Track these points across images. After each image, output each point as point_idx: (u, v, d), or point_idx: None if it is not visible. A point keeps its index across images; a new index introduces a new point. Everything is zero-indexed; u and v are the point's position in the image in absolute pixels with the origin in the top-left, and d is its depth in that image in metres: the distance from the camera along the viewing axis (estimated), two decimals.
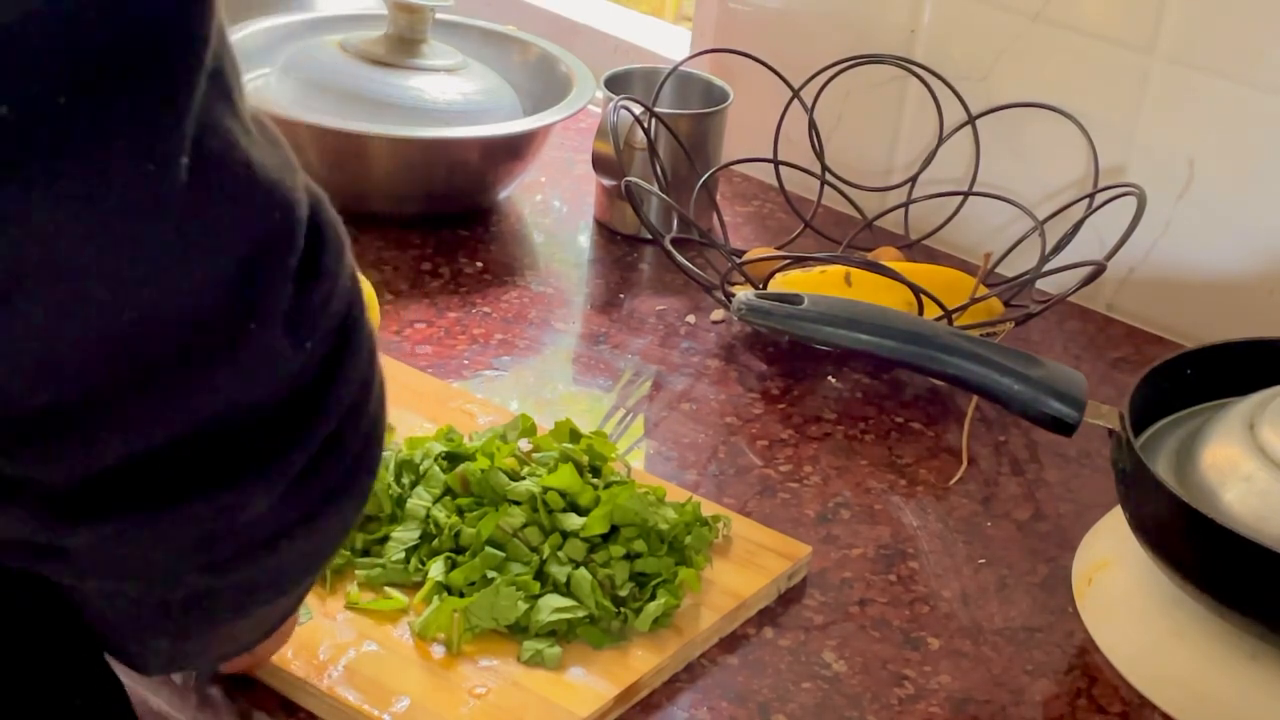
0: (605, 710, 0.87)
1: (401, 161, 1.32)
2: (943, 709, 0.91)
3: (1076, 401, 0.99)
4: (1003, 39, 1.34)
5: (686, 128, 1.34)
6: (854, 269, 1.20)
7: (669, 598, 0.92)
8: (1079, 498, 1.10)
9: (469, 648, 0.89)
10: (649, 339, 1.24)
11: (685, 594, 0.94)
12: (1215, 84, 1.25)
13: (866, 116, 1.43)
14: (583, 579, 0.91)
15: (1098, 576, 1.01)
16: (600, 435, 1.03)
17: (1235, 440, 0.96)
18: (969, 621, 0.98)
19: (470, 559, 0.92)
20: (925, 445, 1.14)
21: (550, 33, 1.56)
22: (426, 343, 1.20)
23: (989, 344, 1.02)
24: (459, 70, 1.38)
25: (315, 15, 1.49)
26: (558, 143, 1.44)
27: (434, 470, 0.98)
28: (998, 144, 1.36)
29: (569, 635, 0.90)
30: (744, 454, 1.11)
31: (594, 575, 0.92)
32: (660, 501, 0.98)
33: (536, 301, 1.27)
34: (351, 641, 0.89)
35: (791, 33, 1.45)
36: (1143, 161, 1.30)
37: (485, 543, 0.93)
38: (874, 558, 1.03)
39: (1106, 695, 0.94)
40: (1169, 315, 1.31)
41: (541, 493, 0.94)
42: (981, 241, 1.35)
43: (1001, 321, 1.22)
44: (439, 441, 1.00)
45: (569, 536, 0.93)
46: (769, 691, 0.91)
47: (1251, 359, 1.05)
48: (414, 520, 0.95)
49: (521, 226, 1.39)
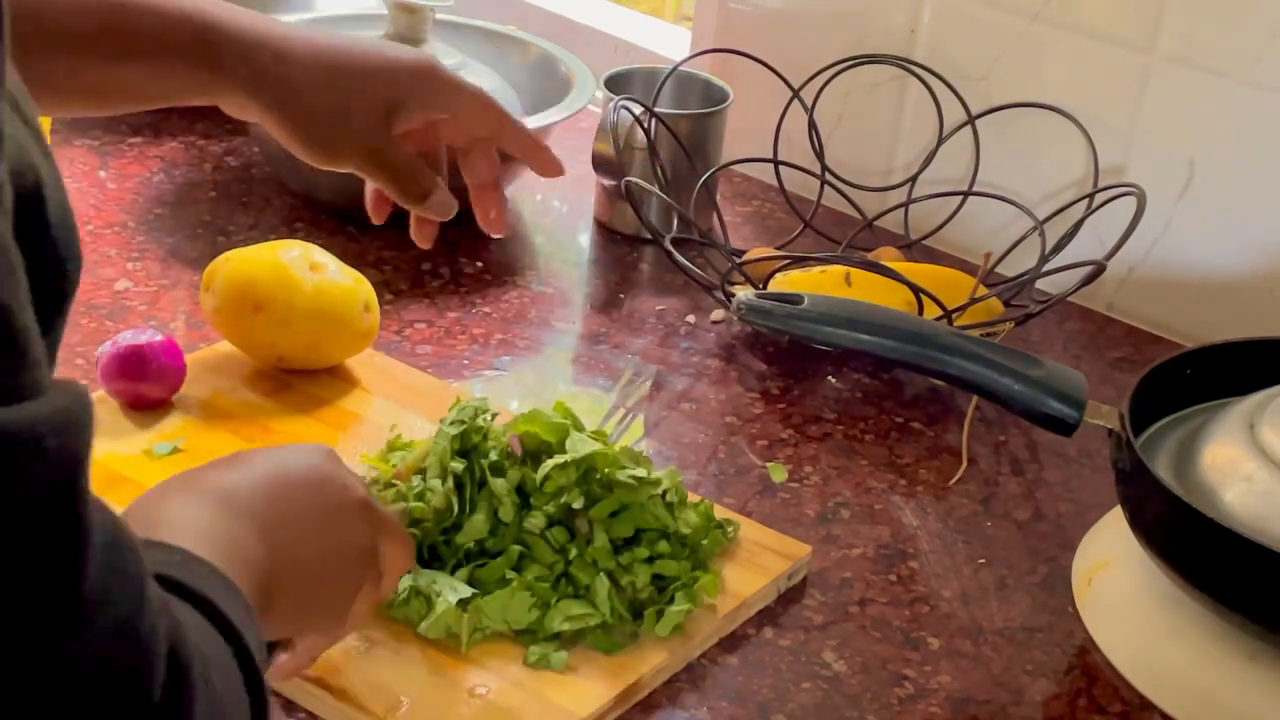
0: (605, 710, 0.87)
1: None
2: (943, 709, 0.91)
3: (1076, 401, 0.99)
4: (1003, 39, 1.34)
5: (686, 128, 1.34)
6: (854, 269, 1.20)
7: (689, 603, 0.92)
8: (1079, 498, 1.10)
9: (474, 649, 0.89)
10: (649, 339, 1.24)
11: (702, 600, 0.94)
12: (1215, 84, 1.25)
13: (866, 116, 1.43)
14: (601, 586, 0.91)
15: (1098, 576, 1.01)
16: (600, 435, 1.03)
17: (1235, 440, 0.96)
18: (969, 621, 0.98)
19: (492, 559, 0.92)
20: (925, 445, 1.14)
21: (550, 33, 1.56)
22: (427, 343, 1.20)
23: (989, 344, 1.02)
24: (459, 70, 1.38)
25: (315, 15, 1.49)
26: (558, 143, 1.43)
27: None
28: (998, 144, 1.36)
29: (577, 640, 0.90)
30: (744, 454, 1.12)
31: (616, 580, 0.92)
32: (683, 503, 0.98)
33: (536, 301, 1.27)
34: (351, 642, 0.89)
35: (791, 33, 1.45)
36: (1143, 161, 1.30)
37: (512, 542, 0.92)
38: (874, 558, 1.03)
39: (1106, 695, 0.94)
40: (1169, 315, 1.31)
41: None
42: (981, 241, 1.35)
43: (1001, 321, 1.22)
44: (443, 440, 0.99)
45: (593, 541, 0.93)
46: (769, 691, 0.91)
47: (1251, 359, 1.05)
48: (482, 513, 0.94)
49: (521, 226, 1.39)
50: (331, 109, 0.94)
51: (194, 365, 1.09)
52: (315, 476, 0.76)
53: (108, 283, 1.22)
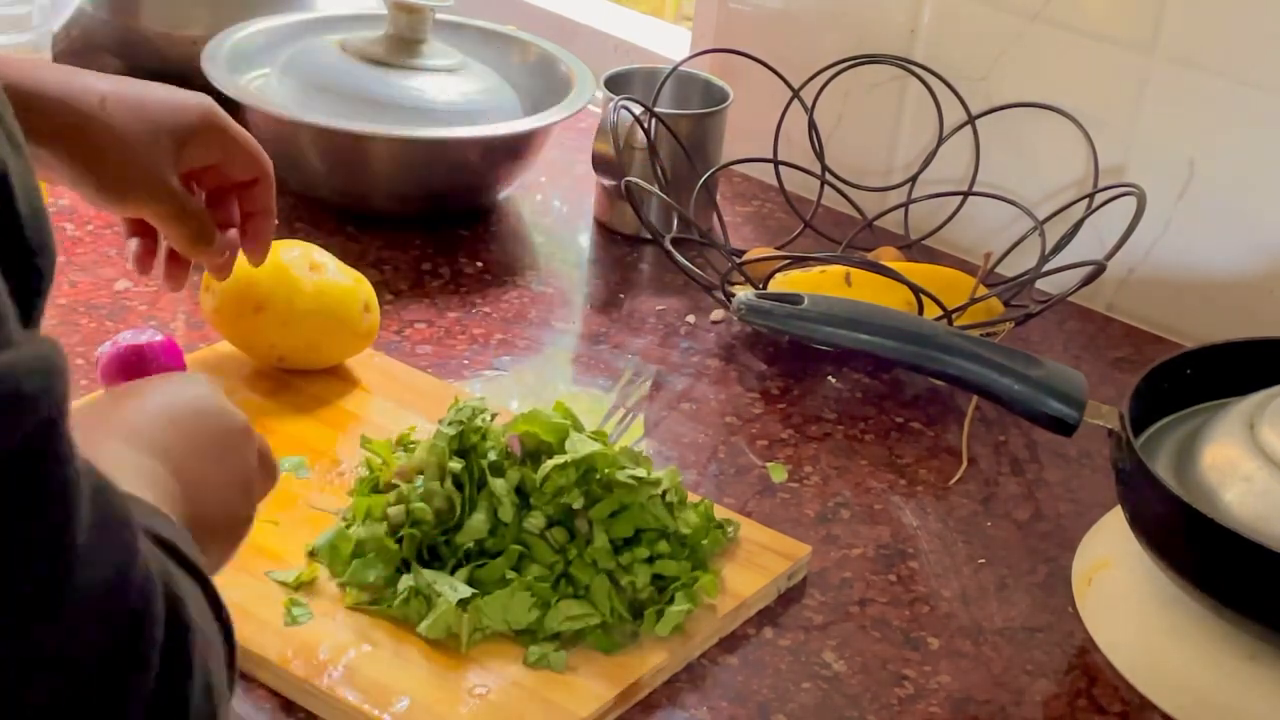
0: (605, 710, 0.87)
1: (401, 161, 1.32)
2: (943, 709, 0.91)
3: (1076, 401, 0.99)
4: (1003, 39, 1.34)
5: (686, 128, 1.34)
6: (854, 269, 1.20)
7: (689, 603, 0.92)
8: (1079, 498, 1.10)
9: (474, 649, 0.89)
10: (649, 339, 1.24)
11: (702, 600, 0.94)
12: (1215, 84, 1.25)
13: (866, 116, 1.43)
14: (601, 586, 0.91)
15: (1098, 576, 1.01)
16: (600, 435, 1.02)
17: (1235, 440, 0.96)
18: (969, 621, 0.98)
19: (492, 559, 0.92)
20: (925, 445, 1.14)
21: (550, 33, 1.56)
22: (427, 343, 1.20)
23: (989, 344, 1.03)
24: (459, 70, 1.38)
25: (315, 15, 1.49)
26: (558, 143, 1.44)
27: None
28: (998, 144, 1.36)
29: (577, 640, 0.90)
30: (744, 454, 1.12)
31: (616, 580, 0.92)
32: (683, 503, 0.98)
33: (536, 301, 1.27)
34: (351, 642, 0.89)
35: (791, 33, 1.45)
36: (1143, 161, 1.30)
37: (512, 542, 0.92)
38: (874, 558, 1.03)
39: (1106, 695, 0.94)
40: (1169, 315, 1.31)
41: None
42: (981, 241, 1.35)
43: (1001, 321, 1.22)
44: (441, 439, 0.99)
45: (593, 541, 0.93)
46: (769, 691, 0.91)
47: (1251, 359, 1.05)
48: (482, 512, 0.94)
49: (521, 226, 1.39)
50: (122, 151, 0.93)
51: (194, 365, 1.09)
52: (204, 406, 0.76)
53: (108, 283, 1.22)
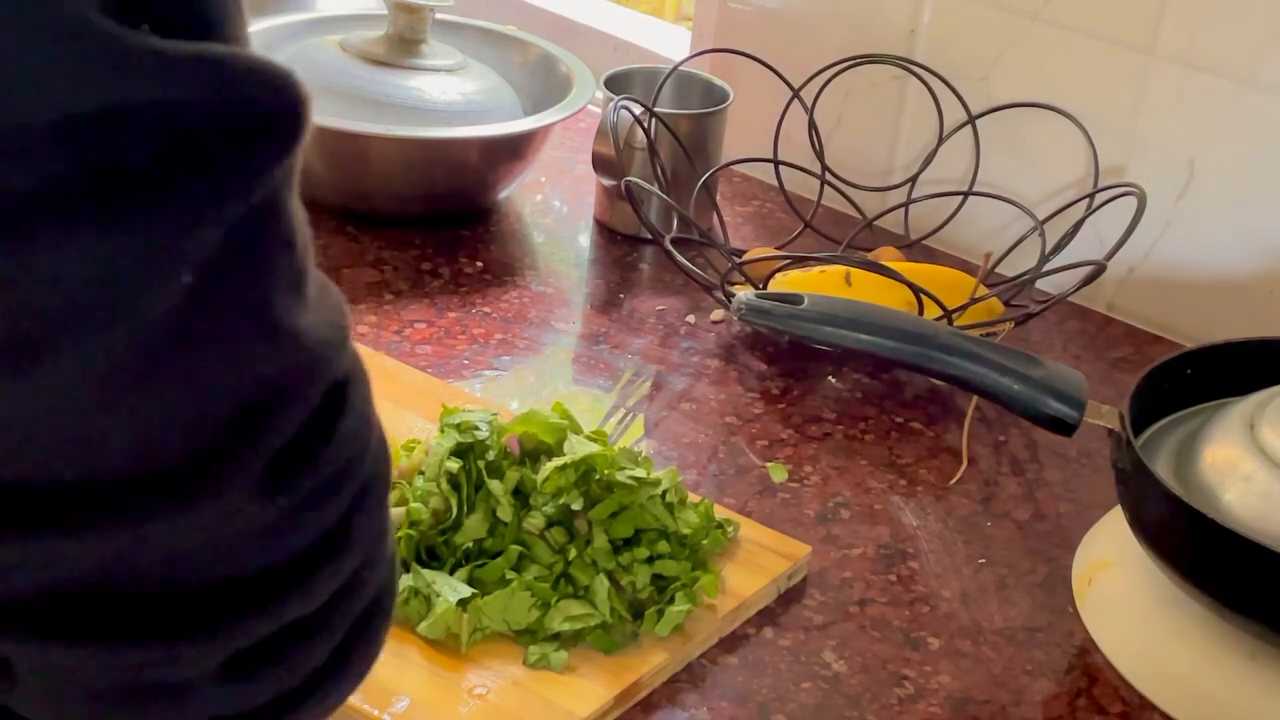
0: (605, 710, 0.87)
1: (402, 161, 1.32)
2: (943, 709, 0.91)
3: (1076, 401, 0.99)
4: (1003, 39, 1.34)
5: (686, 128, 1.34)
6: (854, 269, 1.20)
7: (689, 603, 0.92)
8: (1079, 498, 1.10)
9: (474, 649, 0.89)
10: (649, 339, 1.24)
11: (702, 600, 0.94)
12: (1215, 84, 1.25)
13: (866, 116, 1.43)
14: (600, 586, 0.91)
15: (1098, 576, 1.01)
16: (600, 435, 1.03)
17: (1235, 440, 0.96)
18: (969, 621, 0.98)
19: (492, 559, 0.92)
20: (925, 445, 1.14)
21: (550, 33, 1.56)
22: (426, 343, 1.20)
23: (989, 344, 1.03)
24: (459, 70, 1.38)
25: (315, 15, 1.49)
26: (558, 143, 1.44)
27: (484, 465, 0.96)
28: (998, 144, 1.36)
29: (577, 640, 0.90)
30: (744, 454, 1.12)
31: (616, 580, 0.92)
32: (682, 503, 0.98)
33: (536, 301, 1.27)
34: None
35: (791, 33, 1.45)
36: (1143, 161, 1.30)
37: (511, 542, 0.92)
38: (874, 558, 1.03)
39: (1106, 695, 0.94)
40: (1169, 315, 1.31)
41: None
42: (981, 241, 1.35)
43: (1001, 321, 1.22)
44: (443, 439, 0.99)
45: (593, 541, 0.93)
46: (769, 691, 0.91)
47: (1251, 359, 1.05)
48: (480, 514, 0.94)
49: (521, 226, 1.39)
50: None
51: None
52: None
53: None
